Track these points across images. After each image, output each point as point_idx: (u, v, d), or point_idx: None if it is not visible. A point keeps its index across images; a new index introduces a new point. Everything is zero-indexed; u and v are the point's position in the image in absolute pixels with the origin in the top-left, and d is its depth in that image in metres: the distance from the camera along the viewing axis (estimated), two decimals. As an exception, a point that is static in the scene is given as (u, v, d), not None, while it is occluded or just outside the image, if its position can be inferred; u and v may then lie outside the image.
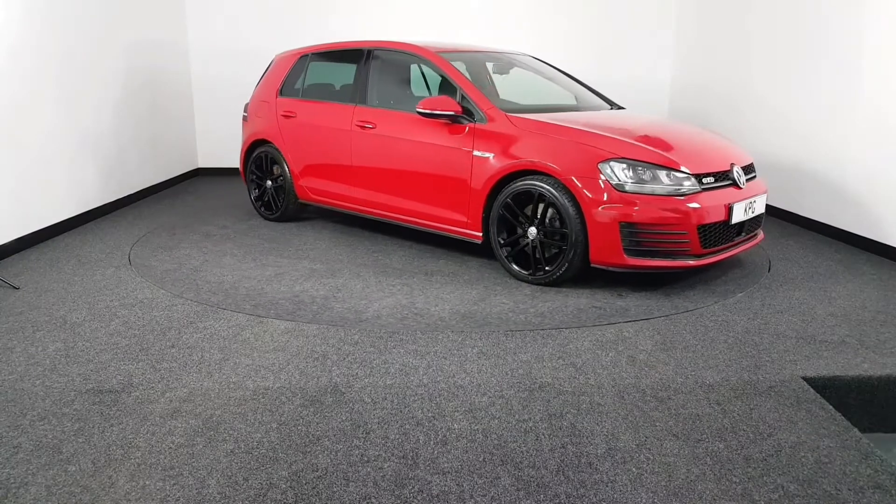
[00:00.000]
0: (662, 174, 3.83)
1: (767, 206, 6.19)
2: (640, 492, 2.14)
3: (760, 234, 4.51)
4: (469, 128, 4.38)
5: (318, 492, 2.13)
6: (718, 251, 4.04)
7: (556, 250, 4.04)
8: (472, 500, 2.09)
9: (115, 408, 2.62)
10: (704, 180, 3.94)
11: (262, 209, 5.88)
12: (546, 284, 4.12)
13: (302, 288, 4.05)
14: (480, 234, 4.40)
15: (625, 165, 3.82)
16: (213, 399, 2.70)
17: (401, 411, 2.62)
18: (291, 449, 2.36)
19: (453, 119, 4.44)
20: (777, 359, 3.13)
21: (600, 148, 3.91)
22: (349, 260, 4.70)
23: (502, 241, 4.27)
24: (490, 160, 4.25)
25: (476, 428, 2.51)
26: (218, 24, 7.78)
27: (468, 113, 4.42)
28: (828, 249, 5.03)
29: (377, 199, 5.00)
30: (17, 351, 3.14)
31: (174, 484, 2.16)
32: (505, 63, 5.48)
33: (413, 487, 2.15)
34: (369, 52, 5.24)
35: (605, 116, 4.73)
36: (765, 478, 2.23)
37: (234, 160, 8.15)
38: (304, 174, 5.50)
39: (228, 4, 7.75)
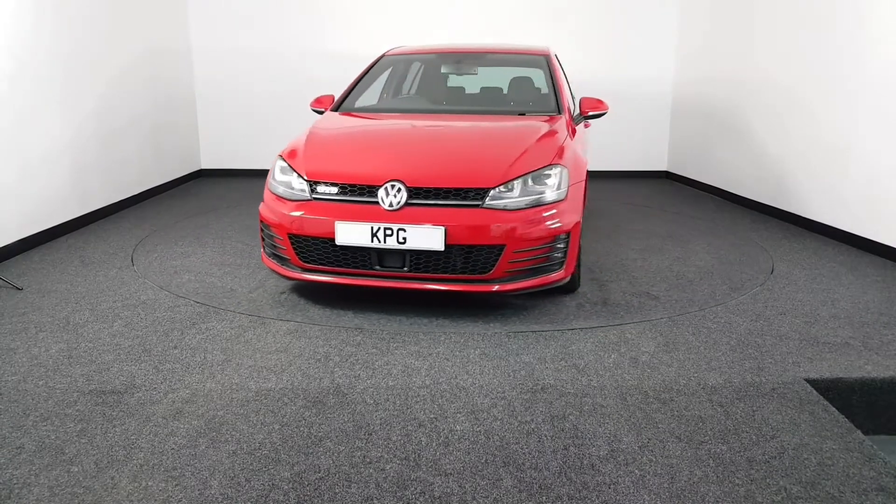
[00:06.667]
0: (294, 177, 3.70)
1: (769, 206, 6.18)
2: (643, 494, 2.14)
3: (530, 280, 3.48)
4: None
5: (320, 493, 2.13)
6: (331, 272, 3.59)
7: None
8: (475, 502, 2.09)
9: (117, 409, 2.63)
10: (319, 189, 3.60)
11: None
12: None
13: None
14: None
15: (284, 165, 3.80)
16: (215, 400, 2.70)
17: (403, 412, 2.62)
18: (294, 450, 2.36)
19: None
20: (780, 361, 3.12)
21: (291, 148, 3.93)
22: None
23: None
24: None
25: (478, 429, 2.50)
26: (220, 26, 7.79)
27: None
28: (831, 251, 5.01)
29: None
30: (20, 352, 3.14)
31: (176, 485, 2.16)
32: (469, 65, 5.28)
33: (415, 489, 2.15)
34: None
35: (443, 123, 4.39)
36: (768, 480, 2.22)
37: (236, 161, 8.18)
38: None
39: (231, 7, 7.76)
